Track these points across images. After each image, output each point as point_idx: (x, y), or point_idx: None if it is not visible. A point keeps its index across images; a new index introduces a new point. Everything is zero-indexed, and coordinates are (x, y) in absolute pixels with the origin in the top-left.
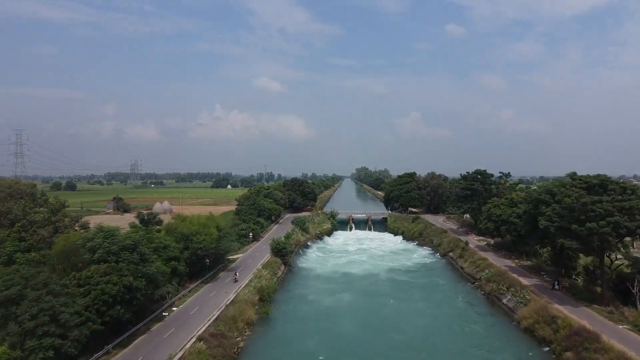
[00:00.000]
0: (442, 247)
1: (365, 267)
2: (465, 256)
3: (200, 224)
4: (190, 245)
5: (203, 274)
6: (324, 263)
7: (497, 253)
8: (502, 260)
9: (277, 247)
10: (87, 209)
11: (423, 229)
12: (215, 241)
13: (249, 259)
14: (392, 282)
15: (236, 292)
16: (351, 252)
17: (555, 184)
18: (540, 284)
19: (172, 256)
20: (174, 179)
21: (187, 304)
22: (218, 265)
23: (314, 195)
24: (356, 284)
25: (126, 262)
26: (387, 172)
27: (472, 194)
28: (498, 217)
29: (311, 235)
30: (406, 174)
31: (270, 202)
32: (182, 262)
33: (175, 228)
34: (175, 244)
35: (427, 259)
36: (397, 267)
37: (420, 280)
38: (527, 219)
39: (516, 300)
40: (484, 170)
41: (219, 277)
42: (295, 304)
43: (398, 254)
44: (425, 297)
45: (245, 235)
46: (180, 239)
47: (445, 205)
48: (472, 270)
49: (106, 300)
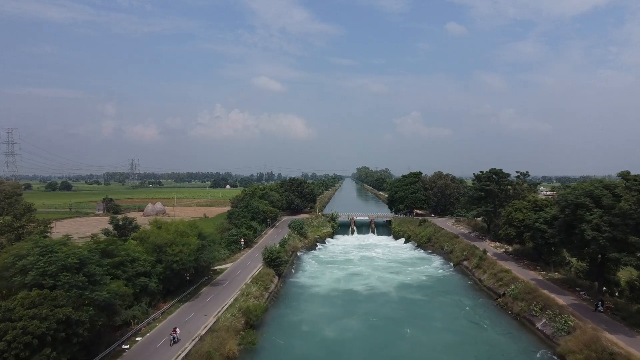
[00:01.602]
0: (455, 255)
1: (372, 283)
2: (484, 267)
3: (178, 232)
4: (163, 258)
5: (181, 290)
6: (323, 276)
7: (518, 262)
8: (526, 272)
9: (270, 257)
10: (76, 211)
11: (432, 233)
12: (196, 252)
13: (238, 270)
14: (405, 303)
15: (217, 315)
16: (354, 261)
17: (596, 185)
18: (578, 303)
19: (141, 271)
20: (173, 178)
21: (155, 331)
22: (201, 279)
23: (313, 196)
24: (362, 307)
25: (66, 287)
26: (389, 172)
27: (487, 195)
28: (520, 223)
29: (310, 240)
30: (411, 174)
31: (265, 204)
32: (154, 278)
33: (147, 237)
34: (147, 257)
35: (441, 270)
36: (408, 281)
37: (438, 299)
38: (560, 226)
39: (555, 327)
40: (499, 169)
41: (201, 293)
42: (288, 335)
43: (407, 264)
44: (446, 323)
45: (236, 242)
46: (153, 250)
47: (454, 207)
48: (493, 283)
49: (29, 343)
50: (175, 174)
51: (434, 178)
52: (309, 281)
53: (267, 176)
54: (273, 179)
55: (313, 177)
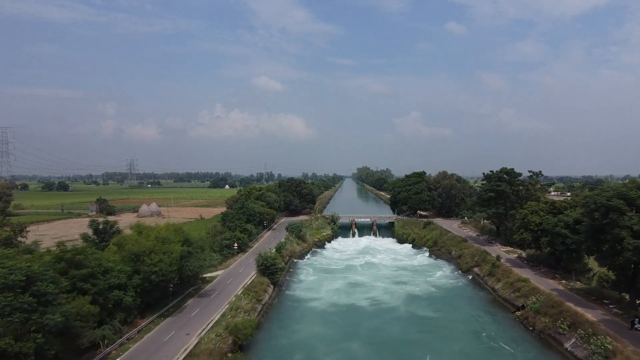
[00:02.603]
0: (464, 261)
1: (376, 295)
2: (498, 274)
3: (159, 239)
4: (141, 268)
5: (164, 303)
6: (321, 287)
7: (534, 270)
8: (544, 281)
9: (264, 264)
10: (69, 212)
11: (438, 236)
12: (179, 261)
13: (230, 278)
14: (416, 321)
15: (200, 335)
16: (356, 269)
17: (630, 186)
18: (609, 319)
19: (114, 284)
20: (172, 179)
21: (128, 355)
22: (187, 290)
23: (312, 197)
24: (366, 326)
25: (7, 311)
26: (389, 172)
27: (497, 196)
28: (537, 226)
29: (308, 244)
30: (415, 174)
31: (262, 205)
32: (131, 291)
33: (124, 244)
34: (122, 267)
35: (451, 279)
36: (417, 293)
37: (452, 315)
38: (588, 231)
39: (590, 350)
40: (511, 168)
41: (186, 306)
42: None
43: (414, 272)
44: (465, 345)
45: (229, 246)
46: (130, 259)
47: (459, 209)
48: (509, 294)
49: None
50: (175, 174)
51: (439, 178)
52: (306, 294)
53: (267, 176)
54: (273, 179)
55: (313, 177)
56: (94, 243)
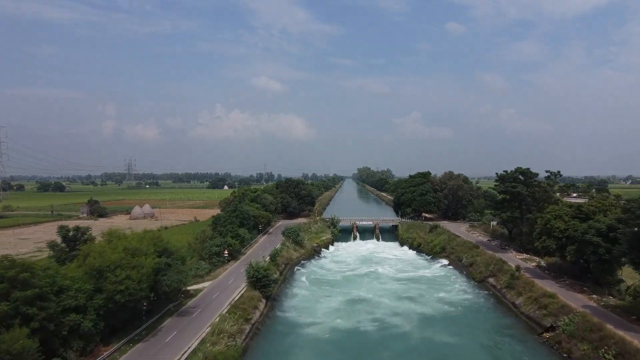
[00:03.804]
0: (478, 270)
1: (383, 316)
2: (518, 287)
3: (128, 250)
4: (104, 287)
5: (136, 324)
6: (318, 305)
7: (557, 281)
8: (572, 296)
9: (255, 276)
10: (59, 213)
11: (446, 241)
12: (152, 276)
13: (217, 292)
14: (433, 351)
15: None
16: (358, 281)
17: None
18: None
19: (71, 306)
20: (171, 179)
21: None
22: (165, 307)
23: (311, 198)
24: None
25: None
26: (390, 172)
27: (512, 198)
28: (562, 233)
29: (306, 250)
30: (420, 174)
31: (257, 207)
32: (91, 313)
33: (86, 257)
34: (82, 284)
35: (468, 294)
36: (430, 313)
37: (474, 342)
38: (630, 241)
39: None
40: (526, 168)
41: (162, 328)
42: None
43: (424, 284)
44: None
45: (218, 254)
46: (91, 275)
47: (466, 211)
48: (534, 311)
49: None
50: (174, 175)
51: (445, 178)
52: (300, 317)
53: (267, 177)
54: (273, 180)
55: (313, 178)
56: (62, 252)
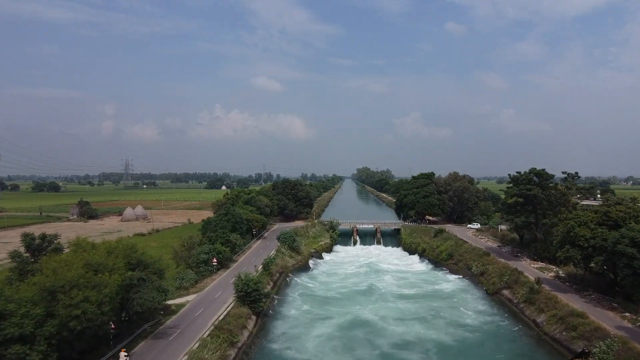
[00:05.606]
0: (490, 280)
1: (391, 349)
2: (539, 303)
3: (92, 266)
4: (56, 311)
5: (100, 352)
6: (312, 330)
7: (582, 295)
8: (601, 314)
9: (244, 289)
10: (48, 215)
11: (453, 247)
12: (114, 299)
13: (201, 307)
14: None
15: None
16: (359, 298)
17: None
18: None
19: (15, 335)
20: (169, 179)
21: None
22: (141, 327)
23: (309, 200)
24: None
25: None
26: (390, 173)
27: (526, 202)
28: (588, 242)
29: (303, 256)
30: (423, 175)
31: (251, 210)
32: (41, 343)
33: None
34: (32, 308)
35: (485, 314)
36: (446, 341)
37: None
38: None
39: None
40: (542, 169)
41: (132, 354)
42: None
43: (435, 301)
44: None
45: (206, 262)
46: (42, 296)
47: (472, 214)
48: (560, 332)
49: None
50: (172, 175)
51: (449, 180)
52: (287, 350)
53: (266, 177)
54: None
55: (312, 178)
56: (26, 264)
